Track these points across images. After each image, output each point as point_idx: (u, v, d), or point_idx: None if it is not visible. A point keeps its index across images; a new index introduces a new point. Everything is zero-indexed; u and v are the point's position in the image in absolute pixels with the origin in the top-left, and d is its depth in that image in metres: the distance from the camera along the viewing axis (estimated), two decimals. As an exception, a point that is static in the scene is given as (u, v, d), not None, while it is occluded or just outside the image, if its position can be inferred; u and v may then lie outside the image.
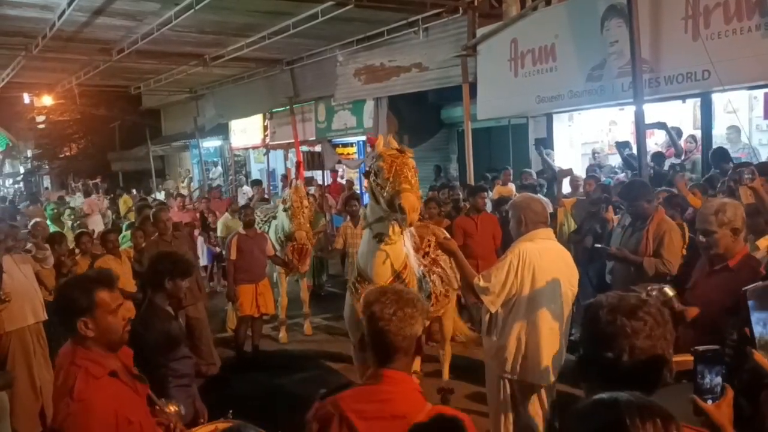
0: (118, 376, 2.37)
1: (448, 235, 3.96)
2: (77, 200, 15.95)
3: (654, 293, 3.14)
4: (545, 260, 3.61)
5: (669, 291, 3.16)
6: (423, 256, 4.95)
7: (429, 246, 5.04)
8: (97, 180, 19.28)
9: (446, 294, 5.11)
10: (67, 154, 28.17)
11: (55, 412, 2.33)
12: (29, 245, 5.70)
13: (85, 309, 2.33)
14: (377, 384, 1.95)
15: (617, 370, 1.65)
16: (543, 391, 3.76)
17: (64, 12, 9.32)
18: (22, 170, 31.62)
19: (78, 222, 10.47)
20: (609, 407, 1.30)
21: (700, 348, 1.79)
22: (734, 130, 8.47)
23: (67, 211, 11.64)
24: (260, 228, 7.61)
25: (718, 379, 1.77)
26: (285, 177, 16.70)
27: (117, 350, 2.45)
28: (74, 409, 2.22)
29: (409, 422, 1.87)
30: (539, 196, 5.91)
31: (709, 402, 1.76)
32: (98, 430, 2.22)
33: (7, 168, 32.65)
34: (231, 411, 2.95)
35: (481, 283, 3.57)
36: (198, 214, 10.64)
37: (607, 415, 1.29)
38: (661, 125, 8.43)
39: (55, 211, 9.85)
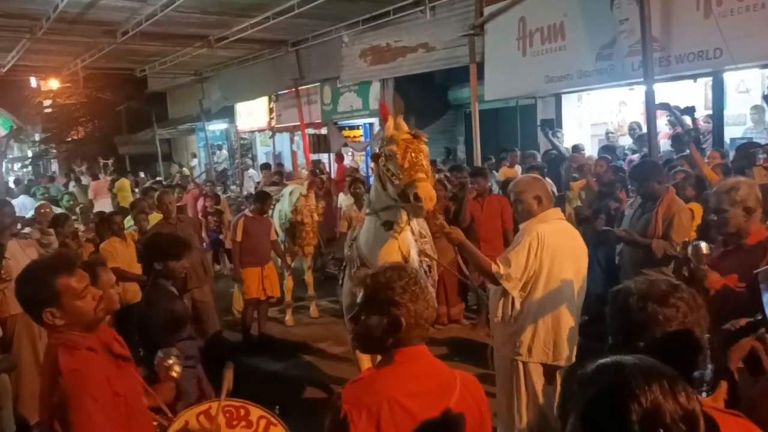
0: (95, 351, 2.27)
1: (446, 224, 3.82)
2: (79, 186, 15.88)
3: (689, 248, 3.08)
4: (561, 241, 3.57)
5: (704, 248, 3.04)
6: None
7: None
8: (109, 161, 19.09)
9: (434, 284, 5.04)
10: (75, 137, 28.19)
11: (45, 401, 2.18)
12: (29, 230, 5.68)
13: (47, 300, 2.20)
14: (408, 362, 1.92)
15: None
16: (558, 373, 3.70)
17: (67, -7, 9.25)
18: (30, 154, 31.73)
19: (79, 207, 10.33)
20: (614, 370, 1.24)
21: None
22: (759, 110, 8.29)
23: (65, 197, 11.52)
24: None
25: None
26: (280, 165, 16.37)
27: (94, 330, 2.33)
28: (67, 382, 2.11)
29: (450, 390, 1.91)
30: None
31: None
32: (98, 396, 2.12)
33: (16, 152, 32.76)
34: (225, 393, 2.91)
35: (501, 270, 3.48)
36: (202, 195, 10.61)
37: (611, 377, 1.23)
38: (664, 106, 8.28)
39: (46, 195, 9.68)
